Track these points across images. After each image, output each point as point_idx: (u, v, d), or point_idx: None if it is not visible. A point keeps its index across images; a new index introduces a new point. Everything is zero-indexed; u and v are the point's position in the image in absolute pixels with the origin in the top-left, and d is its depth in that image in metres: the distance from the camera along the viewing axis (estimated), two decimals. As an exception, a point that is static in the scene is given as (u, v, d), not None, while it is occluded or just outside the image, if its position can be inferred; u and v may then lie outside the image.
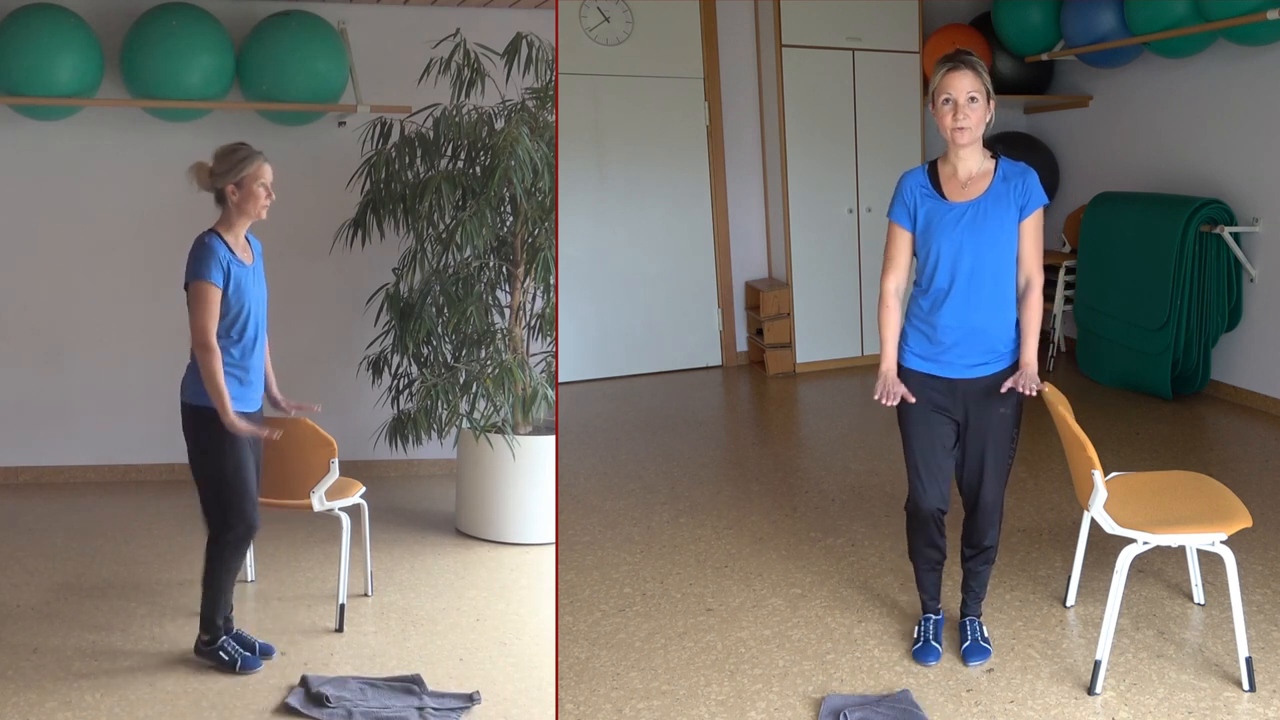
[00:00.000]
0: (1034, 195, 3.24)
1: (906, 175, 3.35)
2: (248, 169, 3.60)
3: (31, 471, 5.89)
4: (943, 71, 3.18)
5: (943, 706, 3.17)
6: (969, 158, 3.25)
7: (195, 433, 3.67)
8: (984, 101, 3.17)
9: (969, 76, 3.15)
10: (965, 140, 3.19)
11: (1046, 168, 7.86)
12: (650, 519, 4.76)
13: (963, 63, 3.17)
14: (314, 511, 4.06)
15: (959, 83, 3.15)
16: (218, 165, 3.63)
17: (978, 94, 3.15)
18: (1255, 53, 6.10)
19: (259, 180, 3.62)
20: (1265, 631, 3.53)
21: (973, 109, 3.16)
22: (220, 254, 3.57)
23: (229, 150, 3.64)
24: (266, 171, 3.64)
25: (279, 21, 5.59)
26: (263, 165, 3.63)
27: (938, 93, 3.19)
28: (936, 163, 3.33)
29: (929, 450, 3.34)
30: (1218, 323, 6.27)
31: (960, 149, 3.23)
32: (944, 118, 3.19)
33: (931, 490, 3.36)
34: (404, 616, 4.23)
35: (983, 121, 3.19)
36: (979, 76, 3.16)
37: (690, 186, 7.58)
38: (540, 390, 4.91)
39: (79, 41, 5.34)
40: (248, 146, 3.65)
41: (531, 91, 5.22)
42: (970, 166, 3.26)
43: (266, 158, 3.66)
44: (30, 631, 4.00)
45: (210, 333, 3.55)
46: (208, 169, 3.64)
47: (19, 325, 5.82)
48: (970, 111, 3.15)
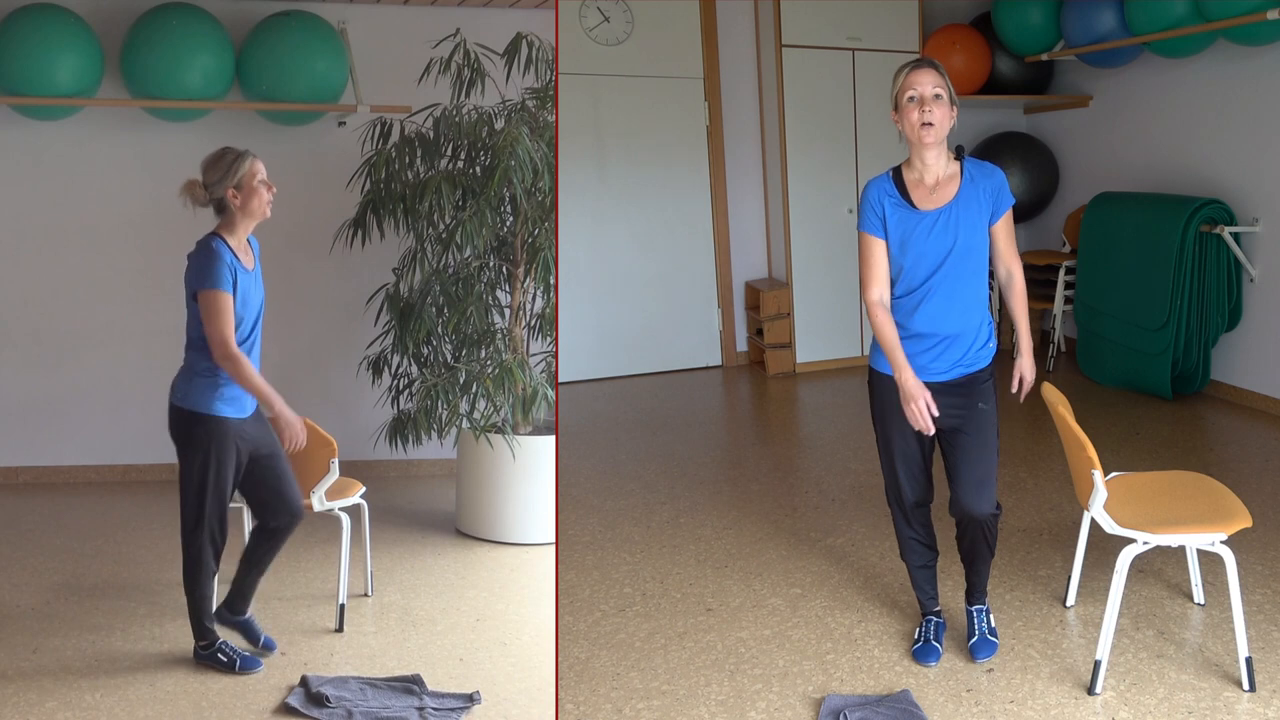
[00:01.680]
0: (1003, 198, 3.25)
1: (871, 184, 3.31)
2: (242, 169, 3.57)
3: (31, 471, 5.89)
4: (905, 71, 3.18)
5: (943, 706, 3.17)
6: (935, 161, 3.22)
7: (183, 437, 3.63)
8: (948, 100, 3.16)
9: (932, 73, 3.16)
10: (931, 139, 3.16)
11: (1046, 168, 7.86)
12: (650, 519, 4.76)
13: (925, 62, 3.19)
14: (314, 511, 4.06)
15: (923, 78, 3.15)
16: (209, 175, 3.57)
17: (942, 91, 3.15)
18: (1255, 53, 6.10)
19: (257, 177, 3.58)
20: (1265, 631, 3.53)
21: (939, 104, 3.14)
22: (227, 260, 3.54)
23: (217, 157, 3.59)
24: (260, 168, 3.61)
25: (279, 21, 5.59)
26: (255, 162, 3.60)
27: (902, 91, 3.18)
28: (900, 170, 3.30)
29: (909, 451, 3.36)
30: (1218, 323, 6.27)
31: (926, 150, 3.19)
32: (909, 114, 3.16)
33: (913, 488, 3.39)
34: (404, 616, 4.23)
35: (947, 121, 3.18)
36: (941, 75, 3.17)
37: (690, 186, 7.58)
38: (540, 390, 4.91)
39: (79, 41, 5.34)
40: (232, 149, 3.61)
41: (531, 91, 5.22)
42: (937, 171, 3.23)
43: (254, 154, 3.62)
44: (30, 631, 4.00)
45: (231, 342, 3.50)
46: (199, 184, 3.58)
47: (19, 325, 5.82)
48: (936, 106, 3.13)
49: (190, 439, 3.61)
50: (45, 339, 5.85)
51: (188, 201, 3.60)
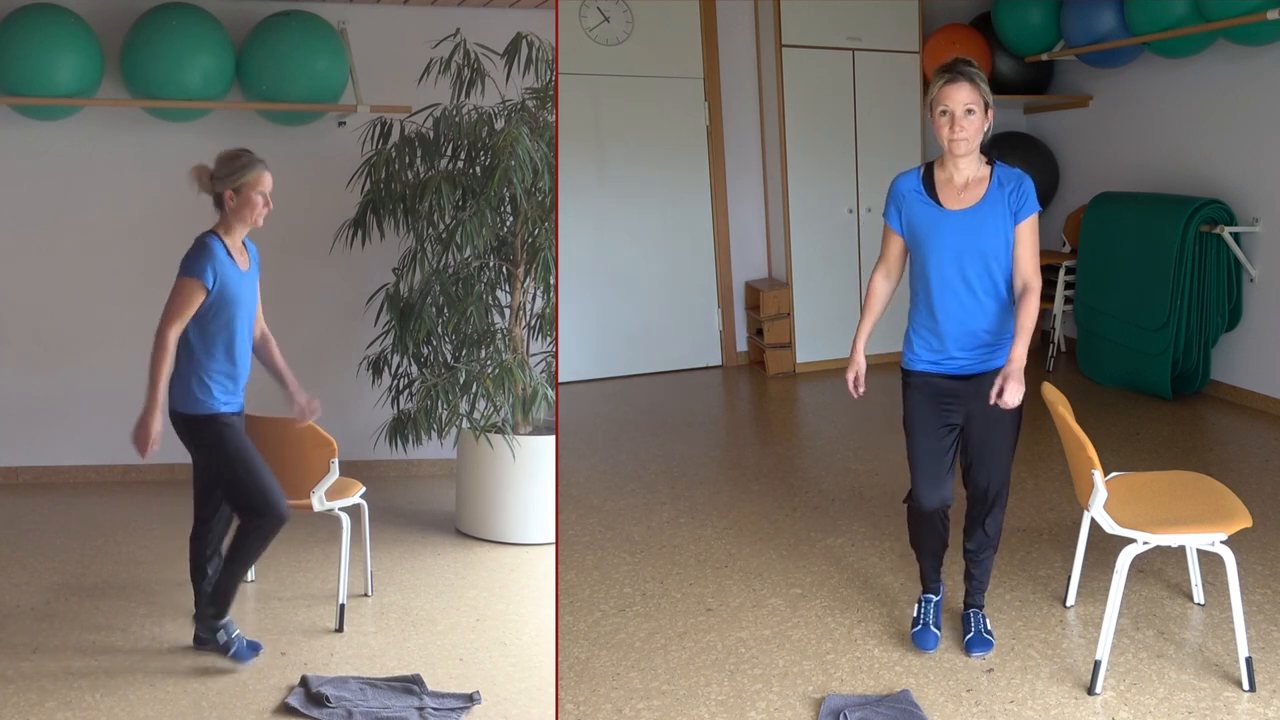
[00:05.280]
0: (1028, 201, 3.26)
1: (900, 178, 3.37)
2: (247, 176, 3.59)
3: (31, 471, 5.89)
4: (940, 83, 3.19)
5: (943, 706, 3.17)
6: (966, 165, 3.28)
7: (195, 439, 3.66)
8: (981, 112, 3.19)
9: (965, 89, 3.16)
10: (962, 151, 3.22)
11: (1046, 168, 7.86)
12: (650, 519, 4.76)
13: (960, 74, 3.17)
14: (314, 511, 4.06)
15: (956, 95, 3.16)
16: (219, 170, 3.62)
17: (975, 106, 3.17)
18: (1255, 53, 6.10)
19: (258, 189, 3.61)
20: (1265, 631, 3.53)
21: (969, 120, 3.17)
22: (217, 255, 3.58)
23: (231, 156, 3.63)
24: (266, 181, 3.63)
25: (279, 21, 5.59)
26: (263, 174, 3.62)
27: (935, 103, 3.21)
28: (933, 166, 3.35)
29: (932, 450, 3.38)
30: (1218, 323, 6.27)
31: (958, 158, 3.25)
32: (941, 129, 3.21)
33: (934, 492, 3.39)
34: (404, 616, 4.23)
35: (980, 131, 3.21)
36: (976, 88, 3.17)
37: (690, 186, 7.58)
38: (540, 390, 4.91)
39: (79, 41, 5.34)
40: (250, 154, 3.64)
41: (531, 91, 5.22)
42: (967, 173, 3.29)
43: (268, 167, 3.64)
44: (30, 631, 4.00)
45: (171, 327, 3.55)
46: (209, 172, 3.63)
47: (19, 325, 5.82)
48: (967, 124, 3.17)
49: (203, 440, 3.65)
50: (45, 339, 5.85)
51: (193, 183, 3.65)
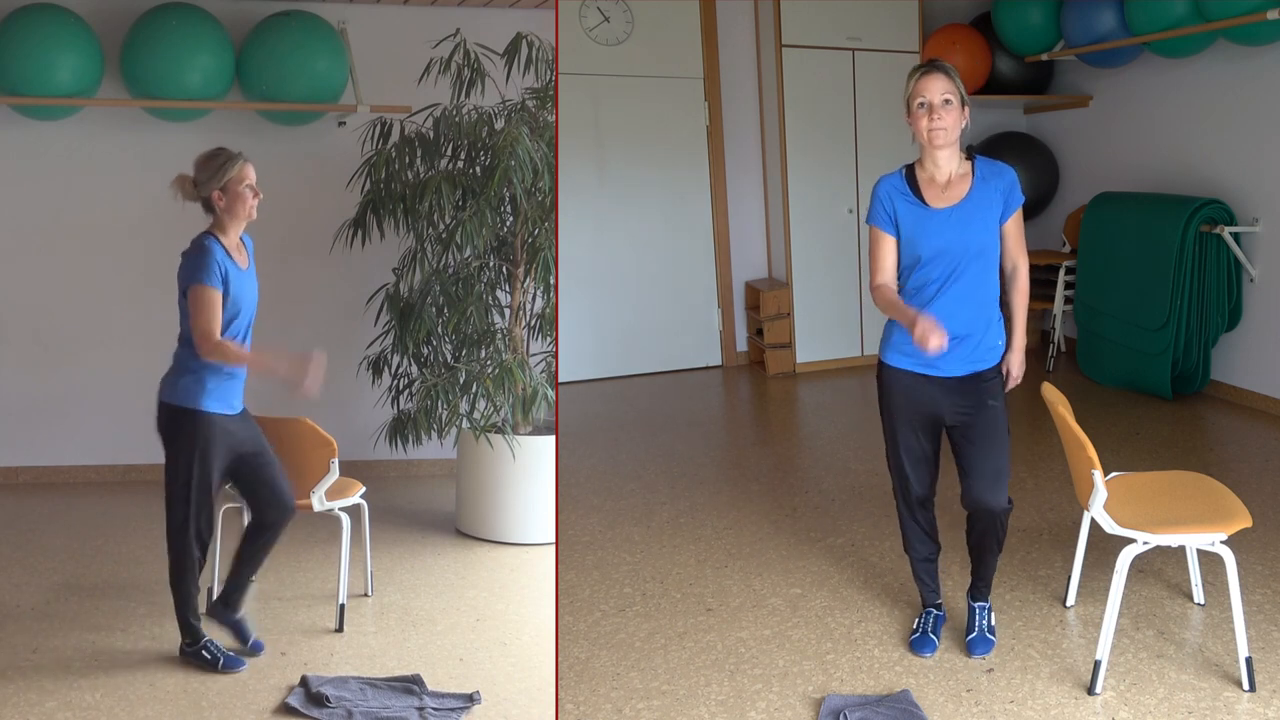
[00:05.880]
0: (1014, 196, 3.30)
1: (883, 180, 3.38)
2: (230, 173, 3.60)
3: (31, 471, 5.89)
4: (915, 77, 3.24)
5: (943, 706, 3.17)
6: (946, 161, 3.28)
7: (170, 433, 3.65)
8: (958, 105, 3.22)
9: (942, 79, 3.21)
10: (942, 141, 3.22)
11: (1046, 168, 7.86)
12: (650, 519, 4.76)
13: (935, 67, 3.23)
14: (314, 511, 4.06)
15: (933, 85, 3.20)
16: (199, 174, 3.62)
17: (951, 96, 3.20)
18: (1255, 53, 6.10)
19: (243, 182, 3.62)
20: (1265, 631, 3.53)
21: (947, 110, 3.20)
22: (218, 256, 3.58)
23: (209, 157, 3.63)
24: (249, 172, 3.64)
25: (279, 21, 5.59)
26: (244, 166, 3.63)
27: (912, 98, 3.24)
28: (913, 168, 3.35)
29: (915, 448, 3.40)
30: (1218, 323, 6.27)
31: (938, 151, 3.26)
32: (919, 120, 3.22)
33: (919, 482, 3.43)
34: (404, 616, 4.23)
35: (959, 124, 3.24)
36: (951, 80, 3.22)
37: (690, 187, 7.58)
38: (540, 390, 4.91)
39: (79, 41, 5.34)
40: (226, 150, 3.64)
41: (531, 91, 5.22)
42: (949, 170, 3.29)
43: (246, 158, 3.64)
44: (30, 631, 4.00)
45: (216, 334, 3.55)
46: (190, 180, 3.63)
47: (19, 325, 5.81)
48: (945, 113, 3.19)
49: (177, 435, 3.64)
50: (45, 339, 5.85)
51: (177, 194, 3.65)
